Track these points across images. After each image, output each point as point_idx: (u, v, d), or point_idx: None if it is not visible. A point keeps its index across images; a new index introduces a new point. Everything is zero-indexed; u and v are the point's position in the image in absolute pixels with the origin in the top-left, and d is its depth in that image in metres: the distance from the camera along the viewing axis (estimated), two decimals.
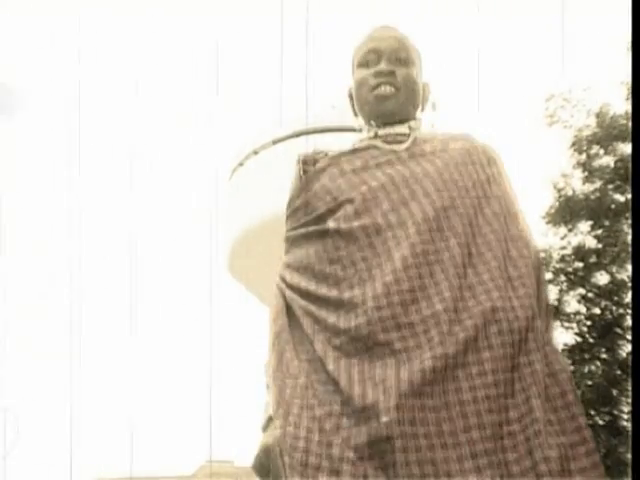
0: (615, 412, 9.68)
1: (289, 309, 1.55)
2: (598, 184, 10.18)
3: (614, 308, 10.05)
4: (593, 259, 10.17)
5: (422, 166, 1.60)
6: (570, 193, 10.33)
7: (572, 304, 10.33)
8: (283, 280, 1.59)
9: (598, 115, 10.21)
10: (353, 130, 1.79)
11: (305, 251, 1.58)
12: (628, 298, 9.72)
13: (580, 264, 10.25)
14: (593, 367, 9.88)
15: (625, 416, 9.57)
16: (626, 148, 9.82)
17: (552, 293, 9.99)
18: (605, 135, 10.04)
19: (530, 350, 1.42)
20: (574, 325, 10.20)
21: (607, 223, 10.02)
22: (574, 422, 1.40)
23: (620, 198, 10.02)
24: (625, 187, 9.74)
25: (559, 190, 10.40)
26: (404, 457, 1.32)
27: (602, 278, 10.25)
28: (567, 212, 10.22)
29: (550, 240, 10.38)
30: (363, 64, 1.68)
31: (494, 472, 1.32)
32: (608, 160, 10.22)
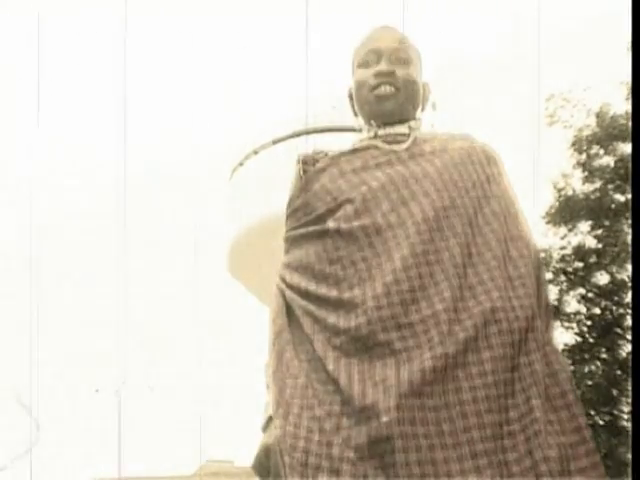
0: (615, 412, 9.68)
1: (289, 309, 1.55)
2: (598, 184, 10.18)
3: (614, 308, 10.05)
4: (593, 259, 10.17)
5: (422, 166, 1.60)
6: (570, 193, 10.33)
7: (572, 304, 10.33)
8: (283, 280, 1.59)
9: (598, 115, 10.22)
10: (353, 130, 1.79)
11: (305, 251, 1.58)
12: (628, 298, 9.72)
13: (580, 264, 10.24)
14: (593, 367, 9.88)
15: (625, 416, 9.57)
16: (626, 148, 9.82)
17: (552, 293, 9.99)
18: (605, 135, 10.04)
19: (530, 350, 1.42)
20: (574, 325, 10.20)
21: (607, 223, 10.02)
22: (574, 422, 1.40)
23: (620, 198, 10.02)
24: (625, 187, 9.74)
25: (559, 190, 10.40)
26: (404, 457, 1.32)
27: (602, 278, 10.25)
28: (567, 212, 10.22)
29: (550, 240, 10.38)
30: (363, 64, 1.68)
31: (494, 472, 1.32)
32: (608, 160, 10.22)
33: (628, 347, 9.66)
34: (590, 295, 10.22)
